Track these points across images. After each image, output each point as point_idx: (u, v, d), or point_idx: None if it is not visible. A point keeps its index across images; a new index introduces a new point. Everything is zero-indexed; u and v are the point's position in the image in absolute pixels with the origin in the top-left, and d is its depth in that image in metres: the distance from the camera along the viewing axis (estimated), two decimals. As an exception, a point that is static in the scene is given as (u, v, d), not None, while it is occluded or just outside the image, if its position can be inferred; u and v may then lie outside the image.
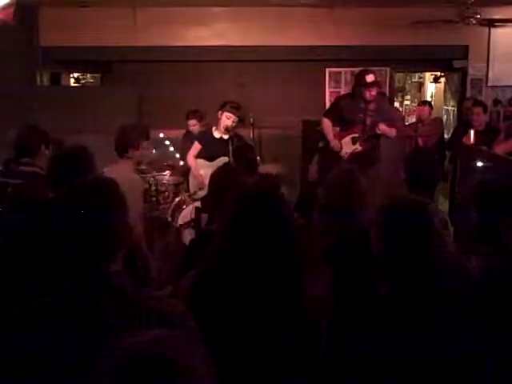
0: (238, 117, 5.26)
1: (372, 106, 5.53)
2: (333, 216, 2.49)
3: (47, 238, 1.56)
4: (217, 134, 5.27)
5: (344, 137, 5.58)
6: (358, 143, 5.54)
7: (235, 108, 5.25)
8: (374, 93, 5.46)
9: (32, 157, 3.34)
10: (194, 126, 6.15)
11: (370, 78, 5.46)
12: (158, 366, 0.95)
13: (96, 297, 1.38)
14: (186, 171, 5.86)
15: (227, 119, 5.18)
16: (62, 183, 1.80)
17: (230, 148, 4.98)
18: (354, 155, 5.48)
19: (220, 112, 5.27)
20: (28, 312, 1.42)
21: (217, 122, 5.37)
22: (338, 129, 5.66)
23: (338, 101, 5.94)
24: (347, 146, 5.54)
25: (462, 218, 4.51)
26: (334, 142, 5.55)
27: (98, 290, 1.39)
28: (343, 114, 5.59)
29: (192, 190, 5.48)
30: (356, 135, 5.55)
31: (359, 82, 5.56)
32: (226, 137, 5.21)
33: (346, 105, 5.61)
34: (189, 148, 5.75)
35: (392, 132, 5.61)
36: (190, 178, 5.62)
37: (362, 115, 5.53)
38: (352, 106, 5.56)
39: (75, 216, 1.44)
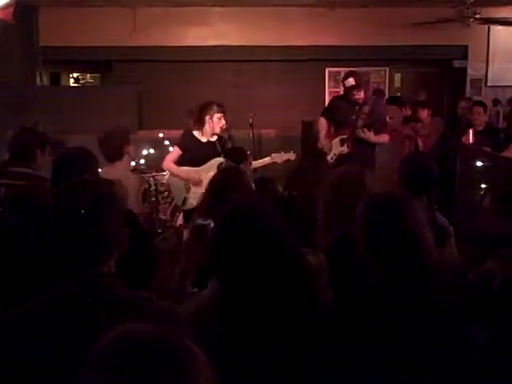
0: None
1: (366, 109, 5.46)
2: (339, 214, 2.48)
3: (42, 239, 1.56)
4: (203, 139, 4.94)
5: (335, 137, 5.53)
6: (345, 145, 5.46)
7: (222, 106, 4.97)
8: (360, 94, 5.40)
9: (29, 160, 3.28)
10: None
11: (349, 82, 5.42)
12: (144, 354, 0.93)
13: (85, 297, 1.37)
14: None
15: (220, 120, 4.91)
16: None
17: (219, 149, 4.78)
18: (342, 157, 5.34)
19: (208, 116, 4.75)
20: (15, 314, 1.41)
21: (202, 126, 4.82)
22: (332, 129, 5.62)
23: (333, 101, 5.93)
24: (336, 147, 5.48)
25: (467, 221, 4.49)
26: (323, 142, 5.54)
27: (87, 290, 1.38)
28: (337, 114, 5.56)
29: (178, 198, 4.96)
30: (345, 136, 5.48)
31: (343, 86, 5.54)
32: (213, 139, 4.91)
33: (341, 105, 5.57)
34: None
35: (379, 139, 5.47)
36: (173, 185, 5.01)
37: (354, 117, 5.46)
38: (346, 106, 5.51)
39: (63, 217, 1.45)
